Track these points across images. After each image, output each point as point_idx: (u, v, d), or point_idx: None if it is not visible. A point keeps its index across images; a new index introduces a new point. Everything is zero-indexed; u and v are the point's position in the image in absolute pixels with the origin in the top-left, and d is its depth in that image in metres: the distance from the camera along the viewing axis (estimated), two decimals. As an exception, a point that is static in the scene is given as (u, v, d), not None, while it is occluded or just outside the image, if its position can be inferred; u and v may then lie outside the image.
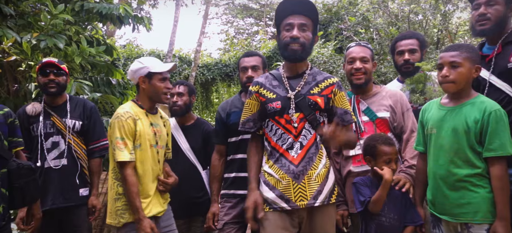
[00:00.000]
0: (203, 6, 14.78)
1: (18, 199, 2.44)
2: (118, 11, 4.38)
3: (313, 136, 2.17)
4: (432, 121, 2.20)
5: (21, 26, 3.99)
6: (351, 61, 2.58)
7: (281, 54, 2.28)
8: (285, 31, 2.20)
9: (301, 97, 2.17)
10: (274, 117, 2.19)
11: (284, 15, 2.21)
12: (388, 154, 2.29)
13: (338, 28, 8.89)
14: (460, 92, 2.11)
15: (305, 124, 2.16)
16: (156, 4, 14.67)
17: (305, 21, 2.18)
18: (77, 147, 2.89)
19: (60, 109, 2.91)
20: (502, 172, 1.97)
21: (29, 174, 2.44)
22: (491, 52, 2.29)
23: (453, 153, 2.06)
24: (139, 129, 2.43)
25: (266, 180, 2.20)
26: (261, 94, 2.25)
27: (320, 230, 2.16)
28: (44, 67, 2.84)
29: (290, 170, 2.14)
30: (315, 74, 2.27)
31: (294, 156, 2.14)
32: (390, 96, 2.57)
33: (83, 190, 2.88)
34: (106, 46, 4.45)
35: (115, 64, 9.72)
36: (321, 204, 2.14)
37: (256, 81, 2.31)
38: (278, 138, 2.18)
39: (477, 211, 1.99)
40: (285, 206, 2.13)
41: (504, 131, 1.98)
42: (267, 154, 2.23)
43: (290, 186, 2.13)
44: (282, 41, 2.21)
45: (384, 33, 7.81)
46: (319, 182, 2.15)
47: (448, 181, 2.07)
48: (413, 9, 7.88)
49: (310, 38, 2.20)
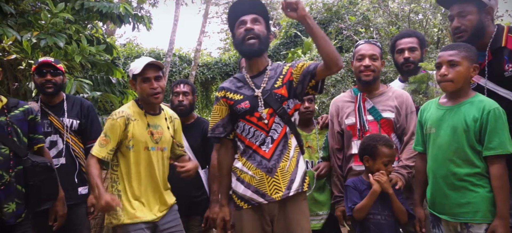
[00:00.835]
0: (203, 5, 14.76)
1: (34, 197, 2.43)
2: (118, 10, 4.38)
3: (283, 128, 2.20)
4: (431, 121, 2.20)
5: (22, 24, 3.99)
6: (360, 58, 2.58)
7: (239, 53, 2.32)
8: (238, 29, 2.23)
9: (267, 93, 2.20)
10: (245, 117, 2.22)
11: (236, 16, 2.26)
12: (388, 156, 2.31)
13: (338, 28, 8.88)
14: (458, 92, 2.11)
15: (275, 118, 2.19)
16: (156, 3, 14.67)
17: (257, 17, 2.22)
18: (75, 145, 2.89)
19: (57, 109, 2.90)
20: (501, 170, 1.97)
21: (45, 172, 2.42)
22: (482, 60, 2.25)
23: (452, 152, 2.06)
24: (131, 130, 2.38)
25: (240, 177, 2.23)
26: (228, 98, 2.28)
27: (294, 222, 2.16)
28: (41, 67, 2.83)
29: (263, 165, 2.17)
30: (276, 68, 2.31)
31: (265, 150, 2.18)
32: (396, 97, 2.56)
33: (82, 189, 2.89)
34: (106, 45, 4.44)
35: (115, 63, 9.72)
36: (296, 193, 2.17)
37: (222, 87, 2.34)
38: (251, 135, 2.21)
39: (477, 211, 1.99)
40: (262, 200, 2.16)
41: (503, 129, 1.98)
42: (240, 152, 2.26)
43: (264, 180, 2.17)
44: (238, 39, 2.23)
45: (384, 33, 7.80)
46: (291, 172, 2.18)
47: (448, 181, 2.07)
48: (413, 8, 7.87)
49: (265, 32, 2.23)
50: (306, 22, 2.05)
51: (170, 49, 9.92)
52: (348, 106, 2.65)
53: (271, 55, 10.23)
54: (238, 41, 2.23)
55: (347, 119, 2.62)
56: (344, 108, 2.67)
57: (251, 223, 2.19)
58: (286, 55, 9.92)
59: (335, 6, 9.70)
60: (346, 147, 2.64)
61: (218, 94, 2.32)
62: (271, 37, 2.30)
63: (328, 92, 7.19)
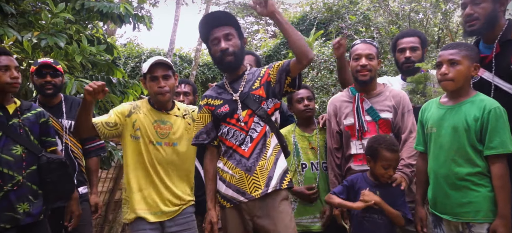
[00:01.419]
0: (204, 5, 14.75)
1: (51, 194, 2.44)
2: (118, 9, 4.37)
3: (263, 127, 2.26)
4: (431, 120, 2.20)
5: (22, 25, 3.99)
6: (357, 58, 2.58)
7: (218, 68, 2.43)
8: (213, 46, 2.32)
9: (245, 95, 2.29)
10: (225, 120, 2.31)
11: (208, 30, 2.33)
12: (389, 160, 2.30)
13: (338, 27, 8.88)
14: (459, 91, 2.11)
15: (254, 118, 2.26)
16: (157, 3, 14.67)
17: (228, 30, 2.29)
18: (74, 146, 2.90)
19: (56, 110, 2.90)
20: (502, 170, 1.96)
21: (60, 167, 2.43)
22: (490, 52, 2.23)
23: (453, 152, 2.05)
24: (137, 120, 2.44)
25: (222, 177, 2.31)
26: (210, 104, 2.38)
27: (277, 221, 2.16)
28: (40, 68, 2.83)
29: (242, 163, 2.24)
30: (254, 72, 2.38)
31: (245, 149, 2.24)
32: (393, 96, 2.57)
33: (82, 188, 2.90)
34: (107, 45, 4.43)
35: (115, 63, 9.72)
36: (274, 190, 2.19)
37: (204, 95, 2.44)
38: (231, 136, 2.28)
39: (479, 211, 1.99)
40: (243, 199, 2.22)
41: (504, 128, 1.98)
42: (222, 153, 2.34)
43: (244, 179, 2.23)
44: (215, 57, 2.33)
45: (384, 32, 7.79)
46: (268, 169, 2.23)
47: (449, 180, 2.07)
48: (414, 7, 7.86)
49: (238, 44, 2.31)
50: (275, 17, 2.12)
51: (170, 49, 9.93)
52: (346, 107, 2.65)
53: (271, 55, 10.22)
54: (216, 60, 2.34)
55: (346, 119, 2.62)
56: (342, 108, 2.67)
57: (234, 222, 2.26)
58: (287, 55, 9.93)
59: (336, 5, 9.68)
60: (345, 147, 2.64)
61: (201, 103, 2.42)
62: (245, 40, 2.39)
63: (328, 91, 7.19)
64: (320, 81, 7.25)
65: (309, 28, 10.43)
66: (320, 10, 10.27)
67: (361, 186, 2.39)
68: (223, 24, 2.29)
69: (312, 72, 7.51)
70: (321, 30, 10.03)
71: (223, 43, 2.27)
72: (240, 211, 2.25)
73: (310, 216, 2.79)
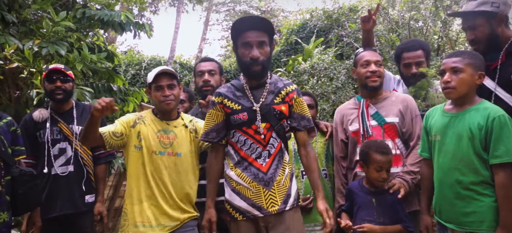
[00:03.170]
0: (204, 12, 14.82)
1: (21, 205, 2.45)
2: (119, 18, 4.39)
3: (279, 143, 2.24)
4: (435, 127, 2.19)
5: (23, 33, 4.00)
6: (365, 64, 2.59)
7: (242, 72, 2.33)
8: (243, 48, 2.22)
9: (266, 108, 2.22)
10: (241, 128, 2.22)
11: (242, 30, 2.23)
12: (380, 162, 2.31)
13: (338, 35, 8.91)
14: (463, 98, 2.10)
15: (272, 133, 2.22)
16: (157, 10, 14.74)
17: (263, 38, 2.22)
18: (83, 153, 2.89)
19: (66, 116, 2.91)
20: (506, 179, 1.94)
21: (31, 180, 2.46)
22: (495, 61, 2.25)
23: (458, 160, 2.04)
24: (141, 131, 2.43)
25: (236, 188, 2.22)
26: (225, 105, 2.27)
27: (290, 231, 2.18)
28: (51, 74, 2.84)
29: (259, 177, 2.18)
30: (276, 82, 2.33)
31: (262, 164, 2.20)
32: (400, 101, 2.57)
33: (89, 197, 2.88)
34: (107, 53, 4.45)
35: (116, 70, 9.74)
36: (291, 208, 2.19)
37: (219, 92, 2.32)
38: (247, 148, 2.22)
39: (483, 221, 1.97)
40: (258, 213, 2.18)
41: (509, 136, 1.96)
42: (234, 163, 2.25)
43: (261, 193, 2.18)
44: (242, 61, 2.24)
45: (384, 40, 7.82)
46: (287, 186, 2.22)
47: (454, 189, 2.05)
48: (414, 16, 7.90)
49: (268, 53, 2.25)
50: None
51: (171, 56, 9.96)
52: (351, 113, 2.67)
53: (272, 62, 10.24)
54: (242, 65, 2.25)
55: (351, 125, 2.63)
56: (348, 115, 2.68)
57: None
58: (287, 62, 9.94)
59: (336, 13, 9.73)
60: (352, 153, 2.64)
61: (215, 99, 2.31)
62: (273, 47, 2.33)
63: (329, 99, 7.19)
64: (320, 89, 7.26)
65: (309, 35, 10.46)
66: (320, 18, 10.31)
67: (358, 193, 2.41)
68: (259, 29, 2.21)
69: (313, 79, 7.52)
70: (321, 37, 10.06)
71: (256, 51, 2.19)
72: (255, 223, 2.20)
73: (311, 224, 2.78)
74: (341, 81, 7.82)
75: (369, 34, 2.90)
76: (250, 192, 2.18)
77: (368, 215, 2.33)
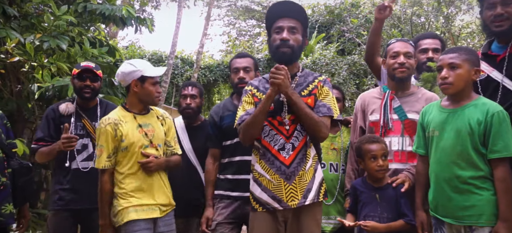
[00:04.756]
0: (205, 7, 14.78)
1: (20, 197, 2.50)
2: (120, 12, 4.39)
3: (304, 137, 2.21)
4: (433, 123, 2.19)
5: (25, 27, 4.00)
6: (395, 55, 2.52)
7: (272, 57, 2.33)
8: (275, 34, 2.25)
9: None
10: (267, 118, 2.22)
11: (274, 18, 2.26)
12: (373, 150, 2.33)
13: (340, 30, 8.90)
14: (460, 94, 2.11)
15: (297, 126, 2.20)
16: (158, 5, 14.70)
17: (295, 24, 2.23)
18: None
19: (91, 113, 2.94)
20: (505, 173, 1.97)
21: (28, 172, 2.52)
22: (502, 52, 2.23)
23: (456, 155, 2.05)
24: (122, 133, 2.45)
25: (258, 180, 2.23)
26: (255, 95, 2.29)
27: (306, 228, 2.19)
28: (81, 73, 2.87)
29: (282, 171, 2.18)
30: (306, 76, 2.32)
31: (285, 156, 2.18)
32: (426, 99, 2.51)
33: None
34: (109, 47, 4.45)
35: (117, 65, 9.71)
36: (311, 203, 2.18)
37: (250, 83, 2.37)
38: (271, 138, 2.22)
39: (481, 214, 1.99)
40: (278, 206, 2.18)
41: (507, 132, 1.99)
42: (259, 154, 2.26)
43: (282, 186, 2.18)
44: (272, 45, 2.26)
45: (386, 35, 7.80)
46: (308, 181, 2.20)
47: (452, 183, 2.06)
48: (416, 11, 7.88)
49: (299, 41, 2.25)
50: (288, 97, 2.13)
51: (172, 51, 9.94)
52: (374, 102, 2.62)
53: (273, 58, 10.23)
54: (272, 48, 2.27)
55: (372, 115, 2.59)
56: (371, 104, 2.63)
57: (264, 226, 2.21)
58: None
59: (338, 8, 9.72)
60: None
61: (247, 88, 2.35)
62: (306, 42, 2.33)
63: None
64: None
65: (311, 31, 10.45)
66: (322, 13, 10.30)
67: (361, 190, 2.42)
68: (292, 17, 2.23)
69: (314, 75, 7.52)
70: (323, 33, 10.05)
71: (286, 34, 2.20)
72: (274, 215, 2.21)
73: (324, 217, 2.77)
74: (342, 77, 7.81)
75: (381, 24, 2.88)
76: (271, 184, 2.19)
77: (372, 211, 2.33)
